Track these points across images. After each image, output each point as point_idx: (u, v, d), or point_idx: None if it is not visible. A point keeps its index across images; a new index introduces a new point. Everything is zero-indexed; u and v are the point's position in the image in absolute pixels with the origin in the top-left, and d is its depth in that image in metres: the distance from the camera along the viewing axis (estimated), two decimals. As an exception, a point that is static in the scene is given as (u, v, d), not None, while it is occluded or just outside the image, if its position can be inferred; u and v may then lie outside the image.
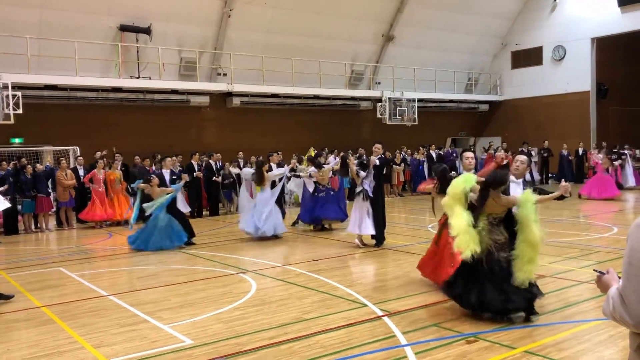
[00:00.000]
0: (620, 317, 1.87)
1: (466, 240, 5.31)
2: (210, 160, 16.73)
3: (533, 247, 5.32)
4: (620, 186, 18.46)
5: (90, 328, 5.88)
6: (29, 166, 13.90)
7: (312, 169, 12.72)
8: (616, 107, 25.76)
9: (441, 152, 22.05)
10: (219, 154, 17.19)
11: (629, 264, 1.87)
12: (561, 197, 5.51)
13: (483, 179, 5.62)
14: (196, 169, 16.16)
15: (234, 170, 16.31)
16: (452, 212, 5.57)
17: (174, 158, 15.94)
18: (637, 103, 26.60)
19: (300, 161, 15.57)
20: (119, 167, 15.20)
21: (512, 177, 5.76)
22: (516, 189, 5.60)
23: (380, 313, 6.01)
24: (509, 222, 5.54)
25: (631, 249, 1.87)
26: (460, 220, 5.41)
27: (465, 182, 5.61)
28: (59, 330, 5.85)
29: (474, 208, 5.51)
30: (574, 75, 25.01)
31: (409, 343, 5.05)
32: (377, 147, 10.01)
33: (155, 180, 10.86)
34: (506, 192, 5.57)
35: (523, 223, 5.34)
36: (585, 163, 22.47)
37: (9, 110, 15.33)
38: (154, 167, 15.75)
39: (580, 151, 22.56)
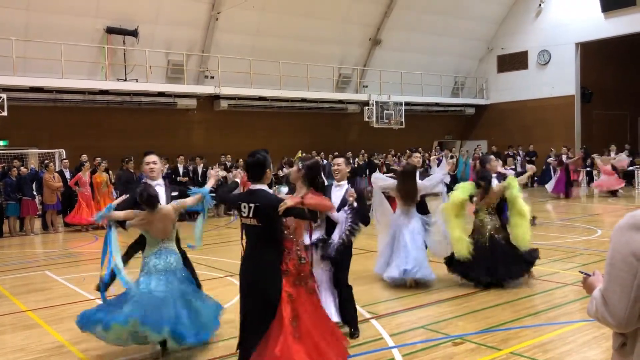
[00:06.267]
0: (603, 318, 1.91)
1: (461, 247, 6.89)
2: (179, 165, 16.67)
3: (522, 216, 6.99)
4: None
5: (76, 332, 5.79)
6: (14, 169, 13.77)
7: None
8: (600, 111, 26.09)
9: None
10: (198, 158, 17.16)
11: (610, 265, 1.91)
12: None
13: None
14: (181, 173, 16.10)
15: (222, 173, 16.25)
16: (449, 220, 6.99)
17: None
18: (621, 107, 26.98)
19: (290, 164, 15.56)
20: (103, 170, 15.06)
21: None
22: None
23: (367, 315, 6.04)
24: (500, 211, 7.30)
25: (613, 251, 1.91)
26: (455, 230, 6.93)
27: (464, 192, 7.06)
28: (45, 335, 5.82)
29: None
30: (558, 79, 25.29)
31: (396, 345, 5.08)
32: (417, 157, 8.11)
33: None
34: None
35: (512, 201, 7.08)
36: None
37: (-6, 112, 15.20)
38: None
39: (564, 157, 22.71)
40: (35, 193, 14.29)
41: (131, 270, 5.29)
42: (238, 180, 4.54)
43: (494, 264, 6.87)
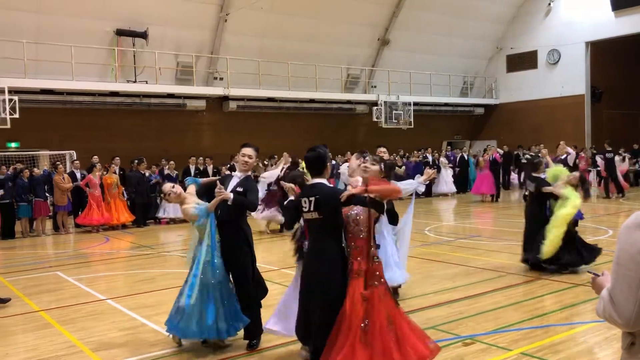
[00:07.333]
0: (610, 317, 1.91)
1: (554, 248, 7.52)
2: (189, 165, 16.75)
3: None
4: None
5: (88, 332, 5.90)
6: (27, 170, 13.90)
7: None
8: (610, 110, 25.92)
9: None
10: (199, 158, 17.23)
11: (617, 264, 1.91)
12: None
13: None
14: (192, 173, 16.15)
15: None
16: (562, 223, 7.55)
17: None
18: (631, 106, 26.78)
19: (297, 163, 15.59)
20: (115, 171, 15.18)
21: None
22: None
23: (377, 316, 6.03)
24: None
25: (620, 250, 1.91)
26: (558, 235, 7.52)
27: (577, 196, 7.80)
28: (57, 334, 5.87)
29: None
30: (568, 78, 25.16)
31: (406, 345, 5.07)
32: (383, 151, 7.32)
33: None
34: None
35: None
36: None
37: (6, 114, 15.34)
38: (147, 172, 15.61)
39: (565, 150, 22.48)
40: (47, 194, 14.41)
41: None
42: (293, 198, 4.48)
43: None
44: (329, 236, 3.98)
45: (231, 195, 4.96)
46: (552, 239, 7.51)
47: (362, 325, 3.78)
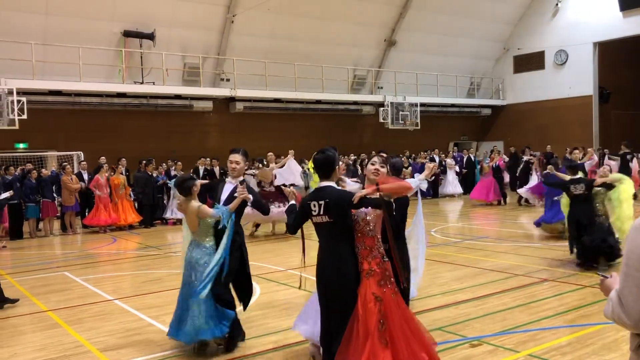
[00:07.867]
0: (619, 318, 1.91)
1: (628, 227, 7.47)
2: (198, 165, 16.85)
3: None
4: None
5: (96, 332, 5.93)
6: (34, 171, 13.99)
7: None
8: (618, 111, 25.78)
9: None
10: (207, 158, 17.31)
11: (626, 266, 1.90)
12: None
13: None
14: (201, 174, 16.19)
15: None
16: (626, 196, 7.82)
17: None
18: (639, 107, 26.64)
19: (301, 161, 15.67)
20: (122, 172, 15.22)
21: None
22: None
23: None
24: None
25: (628, 251, 1.90)
26: (630, 207, 7.88)
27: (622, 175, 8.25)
28: (65, 334, 5.90)
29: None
30: (576, 79, 25.05)
31: (413, 347, 5.06)
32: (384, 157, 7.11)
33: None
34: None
35: None
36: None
37: (14, 115, 15.44)
38: (155, 173, 15.64)
39: (581, 155, 22.42)
40: (55, 195, 14.49)
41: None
42: (294, 202, 4.41)
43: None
44: (340, 239, 3.96)
45: (251, 197, 5.03)
46: (626, 215, 7.77)
47: (379, 326, 3.74)
